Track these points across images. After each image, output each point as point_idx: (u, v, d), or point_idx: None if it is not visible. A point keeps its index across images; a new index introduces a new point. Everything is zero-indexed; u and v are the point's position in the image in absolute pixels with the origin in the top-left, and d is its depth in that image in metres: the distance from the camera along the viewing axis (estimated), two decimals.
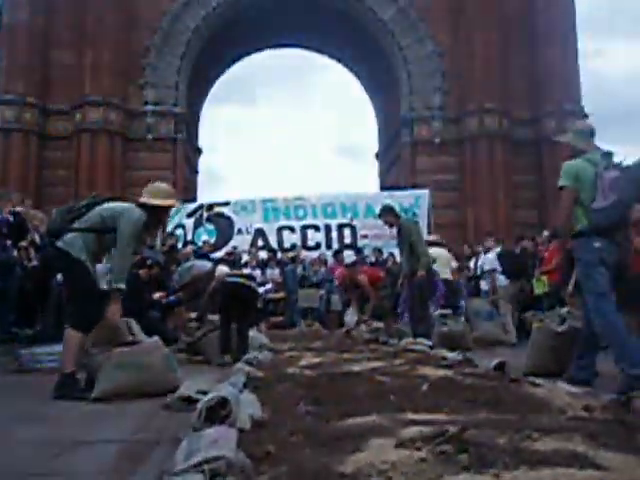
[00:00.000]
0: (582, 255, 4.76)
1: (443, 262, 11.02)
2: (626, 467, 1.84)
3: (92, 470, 2.44)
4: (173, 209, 16.45)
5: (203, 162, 28.77)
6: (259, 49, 29.12)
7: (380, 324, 10.50)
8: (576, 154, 4.89)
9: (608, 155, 4.75)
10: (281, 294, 14.10)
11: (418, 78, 23.58)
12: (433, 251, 10.92)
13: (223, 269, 8.01)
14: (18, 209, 8.38)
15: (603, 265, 4.62)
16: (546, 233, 12.83)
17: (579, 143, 4.95)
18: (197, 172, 28.05)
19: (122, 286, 4.55)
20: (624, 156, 4.90)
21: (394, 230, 9.15)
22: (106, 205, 4.76)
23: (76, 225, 4.60)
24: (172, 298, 9.52)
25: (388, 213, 9.06)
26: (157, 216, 4.89)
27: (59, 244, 4.59)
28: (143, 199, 4.86)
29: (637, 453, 2.01)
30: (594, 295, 4.68)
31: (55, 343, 6.62)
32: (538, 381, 4.02)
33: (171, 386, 4.25)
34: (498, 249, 12.54)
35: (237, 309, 7.03)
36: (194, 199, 22.05)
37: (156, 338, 4.78)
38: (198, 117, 28.70)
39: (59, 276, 8.71)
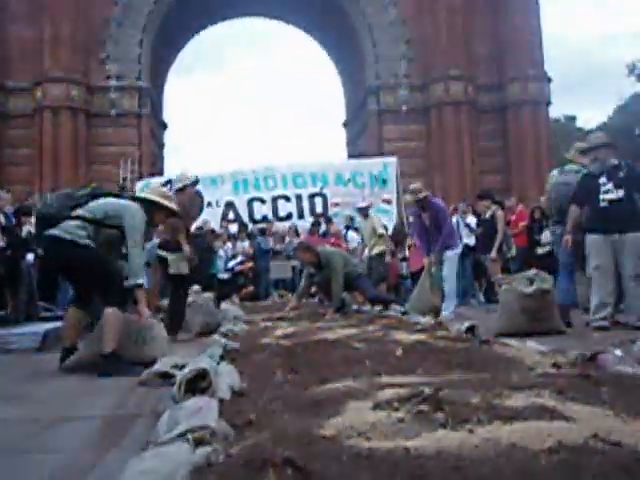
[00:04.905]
0: None
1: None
2: (592, 418, 1.93)
3: (76, 445, 2.46)
4: (140, 184, 16.30)
5: (168, 135, 28.48)
6: (223, 19, 28.70)
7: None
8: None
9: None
10: (249, 264, 14.11)
11: (383, 46, 23.50)
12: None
13: None
14: None
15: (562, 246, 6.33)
16: (513, 198, 13.17)
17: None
18: (163, 146, 27.75)
19: (142, 282, 4.58)
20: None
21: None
22: (110, 200, 4.74)
23: (78, 213, 4.54)
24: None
25: (305, 251, 8.40)
26: (153, 216, 4.90)
27: (58, 233, 4.43)
28: (150, 197, 4.94)
29: (602, 405, 2.11)
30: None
31: (28, 324, 6.60)
32: (508, 341, 4.14)
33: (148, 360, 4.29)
34: (470, 215, 12.24)
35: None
36: (161, 173, 21.83)
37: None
38: (162, 90, 28.29)
39: (29, 257, 8.62)
